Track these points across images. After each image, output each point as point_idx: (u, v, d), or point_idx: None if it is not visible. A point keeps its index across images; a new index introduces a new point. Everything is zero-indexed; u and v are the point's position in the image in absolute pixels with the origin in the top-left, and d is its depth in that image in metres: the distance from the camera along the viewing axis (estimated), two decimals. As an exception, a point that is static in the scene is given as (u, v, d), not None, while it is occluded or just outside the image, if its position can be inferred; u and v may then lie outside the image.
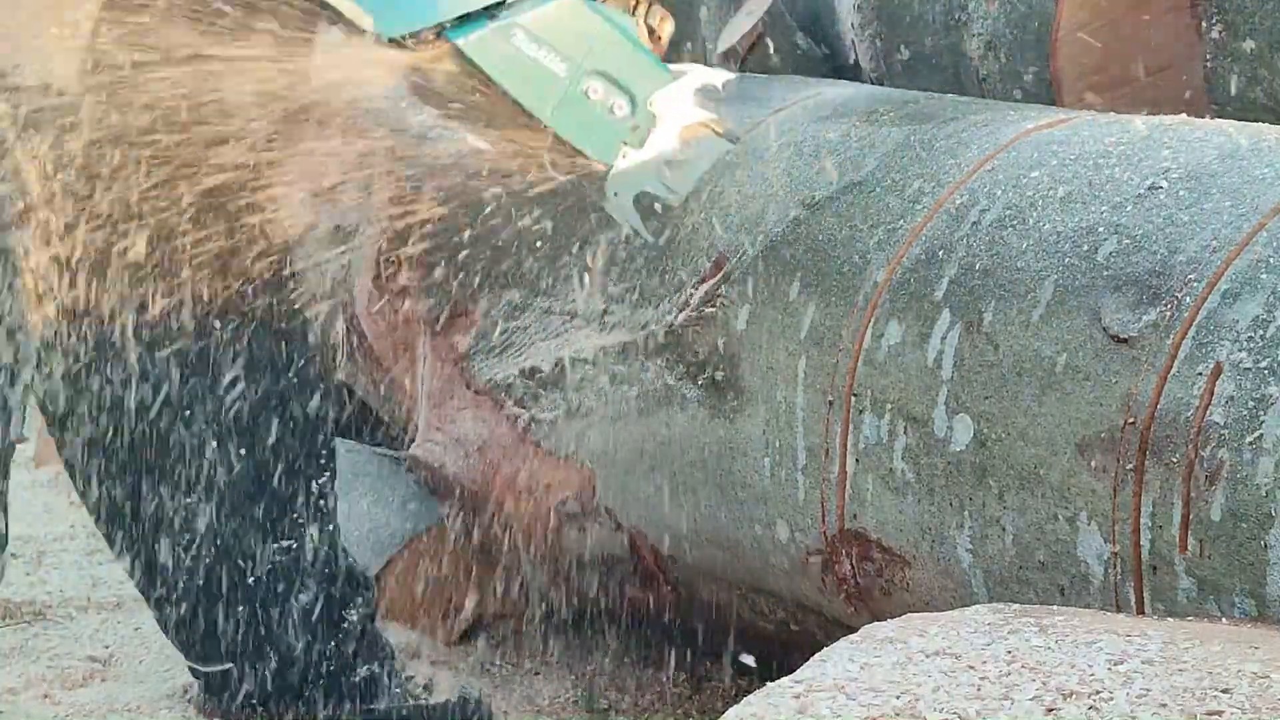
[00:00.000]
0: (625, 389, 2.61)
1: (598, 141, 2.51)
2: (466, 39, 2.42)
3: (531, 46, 2.44)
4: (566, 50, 2.45)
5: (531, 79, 2.44)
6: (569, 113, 2.47)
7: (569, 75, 2.45)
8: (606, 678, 2.95)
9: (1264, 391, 1.89)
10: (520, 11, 2.43)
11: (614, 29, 2.48)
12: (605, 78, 2.48)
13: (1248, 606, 1.88)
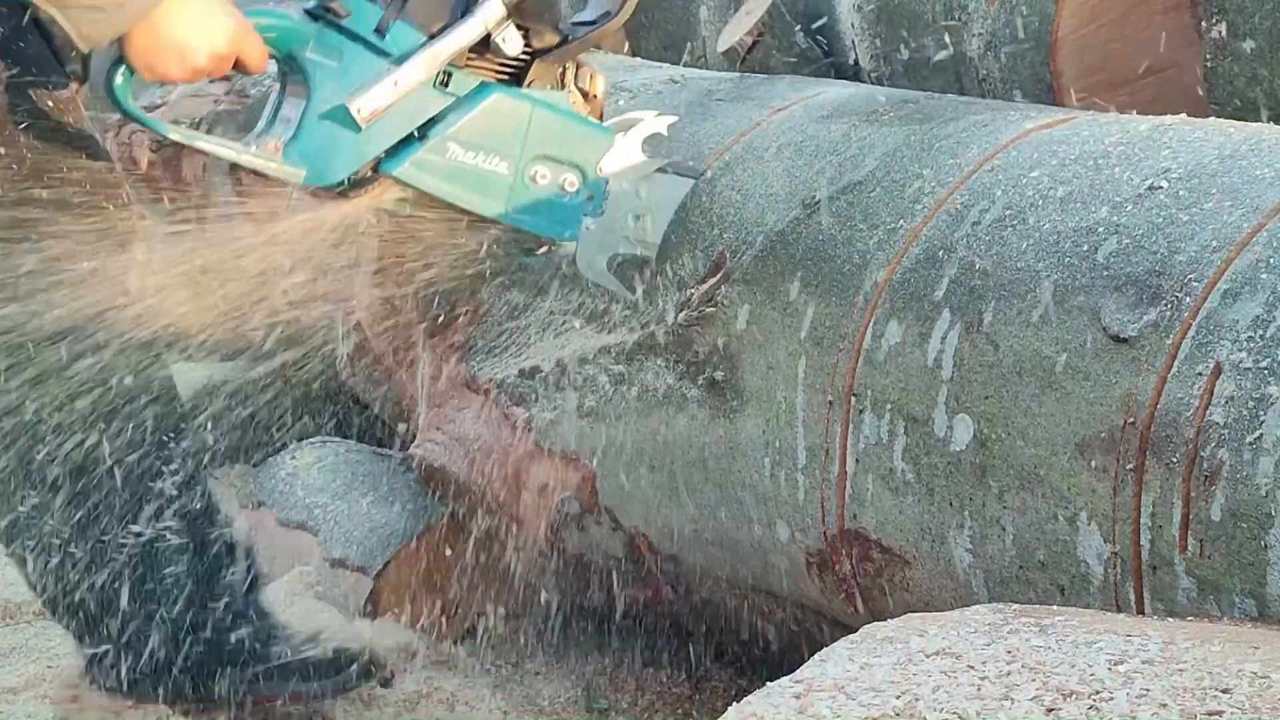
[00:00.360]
0: (625, 389, 2.61)
1: (557, 223, 2.51)
2: (402, 167, 2.41)
3: (468, 155, 2.42)
4: (503, 147, 2.44)
5: (477, 185, 2.44)
6: (522, 205, 2.47)
7: (512, 170, 2.45)
8: (606, 678, 2.95)
9: (1264, 391, 1.89)
10: (448, 124, 2.41)
11: (543, 109, 2.46)
12: (548, 160, 2.47)
13: (1248, 606, 1.88)
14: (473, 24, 2.39)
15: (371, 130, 2.38)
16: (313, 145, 2.38)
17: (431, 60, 2.38)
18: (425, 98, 2.39)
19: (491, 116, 2.43)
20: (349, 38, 2.37)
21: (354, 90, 2.36)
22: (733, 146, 2.69)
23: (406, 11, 2.38)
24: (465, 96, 2.42)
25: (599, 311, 2.69)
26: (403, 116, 2.39)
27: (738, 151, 2.67)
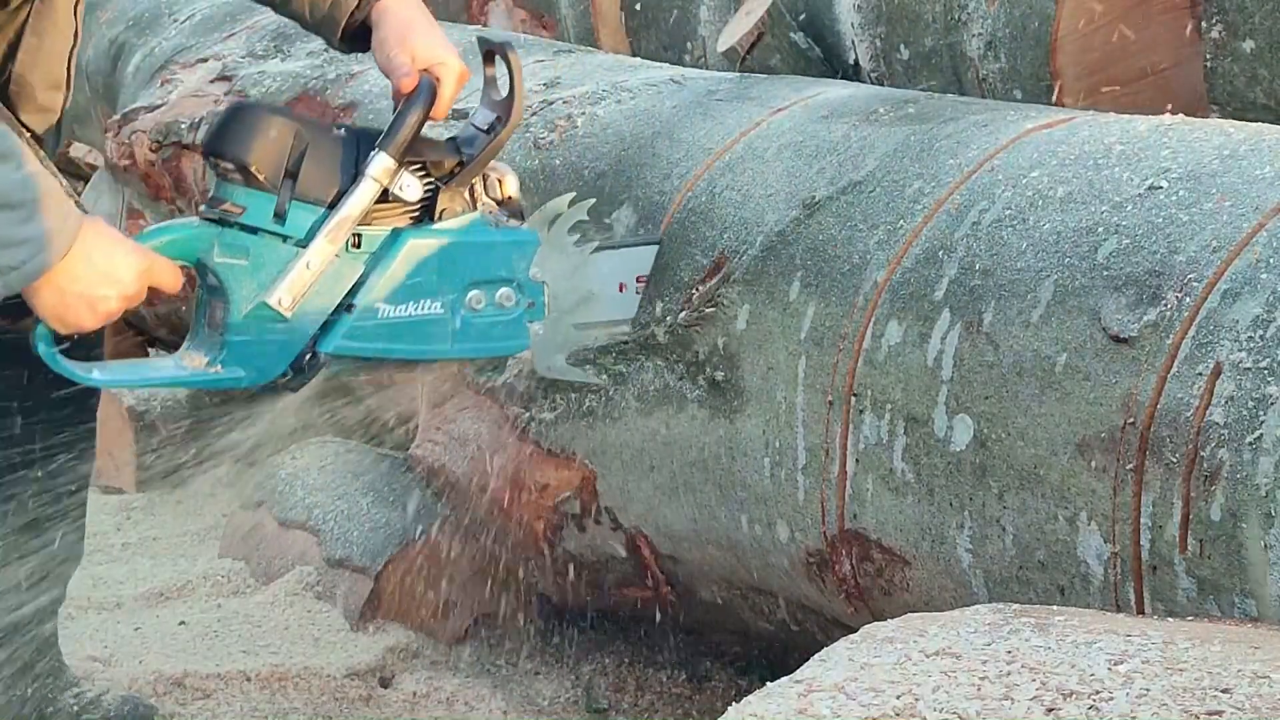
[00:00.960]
0: (625, 389, 2.61)
1: (505, 341, 2.48)
2: (339, 342, 2.37)
3: (400, 309, 2.39)
4: (431, 290, 2.41)
5: (417, 335, 2.41)
6: (467, 337, 2.44)
7: (447, 308, 2.42)
8: (606, 678, 2.95)
9: (1264, 391, 1.89)
10: (372, 287, 2.37)
11: (461, 240, 2.43)
12: (479, 285, 2.44)
13: (1248, 606, 1.88)
14: (367, 185, 2.34)
15: (298, 316, 2.34)
16: (245, 346, 2.34)
17: (337, 231, 2.33)
18: (341, 268, 2.35)
19: (411, 265, 2.39)
20: (251, 233, 2.33)
21: (270, 283, 2.32)
22: (733, 146, 2.69)
23: (299, 191, 2.33)
24: (380, 253, 2.37)
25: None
26: (325, 293, 2.35)
27: (738, 151, 2.67)
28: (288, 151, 2.33)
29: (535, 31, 4.81)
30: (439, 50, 2.43)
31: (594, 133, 2.90)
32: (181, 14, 4.83)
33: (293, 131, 2.33)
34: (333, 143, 2.36)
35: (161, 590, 3.29)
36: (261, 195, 2.33)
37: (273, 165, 2.33)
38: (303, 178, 2.33)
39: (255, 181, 2.32)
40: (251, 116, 2.35)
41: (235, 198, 2.34)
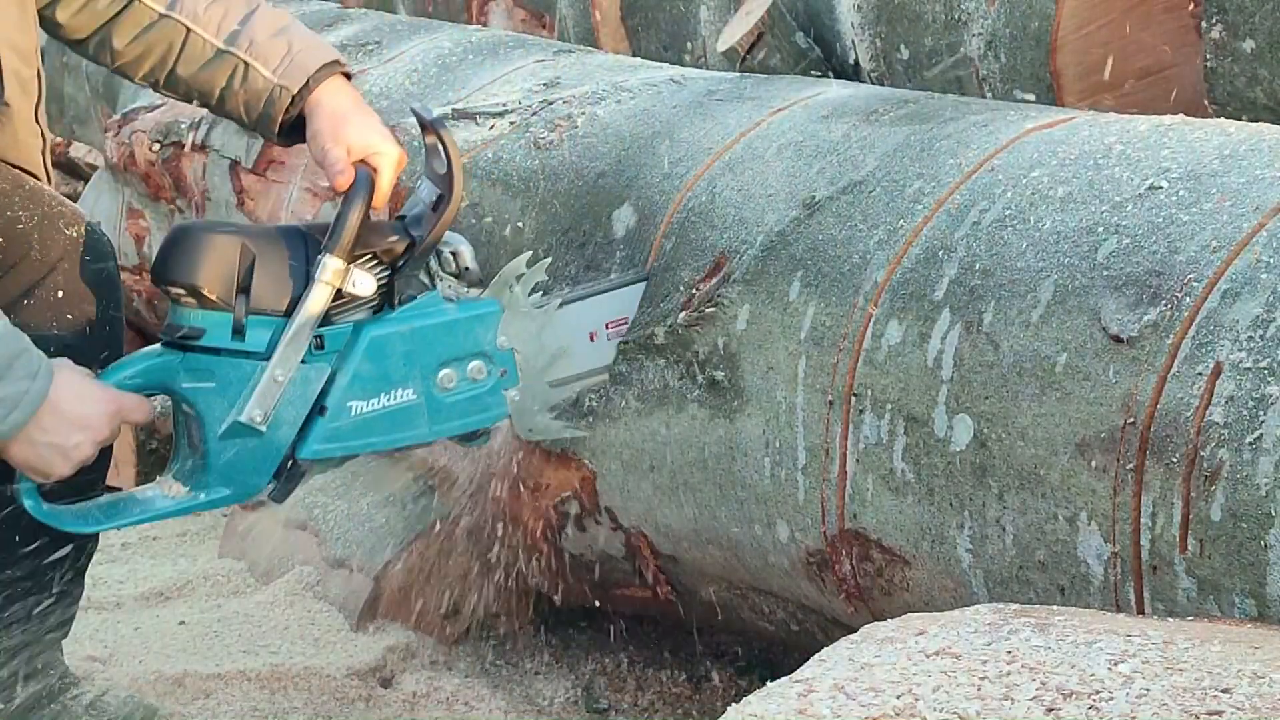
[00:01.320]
0: (625, 389, 2.61)
1: (483, 413, 2.49)
2: (315, 449, 2.38)
3: (373, 403, 2.39)
4: (400, 378, 2.41)
5: (394, 424, 2.41)
6: (444, 416, 2.45)
7: (420, 392, 2.42)
8: (606, 678, 2.95)
9: (1264, 391, 1.89)
10: (340, 387, 2.37)
11: (419, 322, 2.42)
12: (448, 363, 2.44)
13: (1248, 606, 1.88)
14: (319, 290, 2.34)
15: (273, 427, 2.34)
16: (226, 466, 2.35)
17: (296, 341, 2.33)
18: (308, 373, 2.35)
19: (377, 358, 2.39)
20: (213, 354, 2.34)
21: (240, 401, 2.33)
22: (733, 146, 2.69)
23: (254, 305, 2.34)
24: (345, 351, 2.38)
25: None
26: (296, 400, 2.35)
27: (738, 151, 2.67)
28: (236, 267, 2.33)
29: (535, 31, 4.81)
30: (374, 139, 2.43)
31: (594, 133, 2.90)
32: (181, 14, 4.82)
33: (238, 246, 2.34)
34: (280, 250, 2.36)
35: (161, 590, 3.29)
36: (217, 315, 2.34)
37: (224, 283, 2.33)
38: (255, 291, 2.34)
39: (209, 302, 2.34)
40: (195, 237, 2.35)
41: (192, 321, 2.35)
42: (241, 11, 2.52)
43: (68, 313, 2.38)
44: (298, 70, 2.48)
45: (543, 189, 2.86)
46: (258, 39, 2.49)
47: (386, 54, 3.87)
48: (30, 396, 2.21)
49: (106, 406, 2.29)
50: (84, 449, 2.27)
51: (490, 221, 2.89)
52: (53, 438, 2.24)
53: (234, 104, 2.51)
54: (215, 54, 2.49)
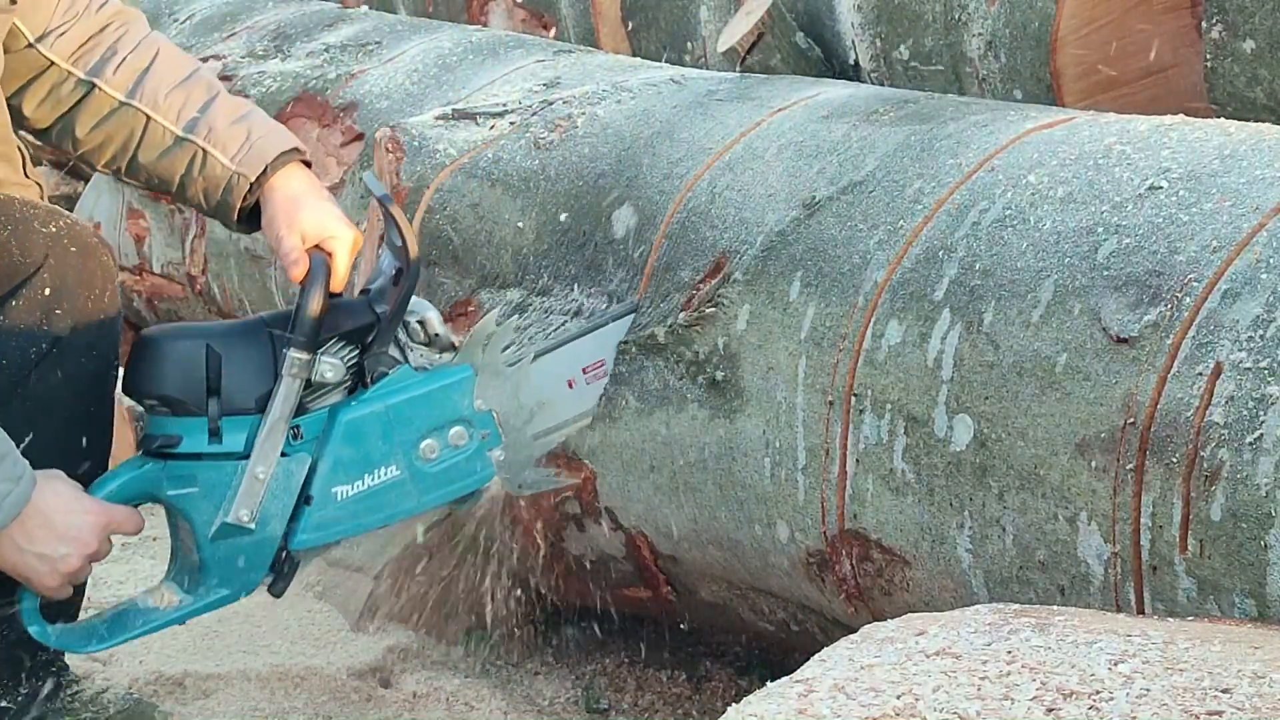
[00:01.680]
0: (625, 389, 2.61)
1: (469, 477, 2.49)
2: (307, 535, 2.39)
3: (357, 485, 2.40)
4: (382, 456, 2.41)
5: (382, 502, 2.42)
6: (431, 487, 2.45)
7: (404, 467, 2.42)
8: (606, 678, 2.95)
9: (1264, 391, 1.89)
10: (322, 474, 2.38)
11: (393, 399, 2.42)
12: (428, 434, 2.44)
13: (1248, 606, 1.88)
14: (287, 384, 2.34)
15: (262, 523, 2.35)
16: (220, 565, 2.36)
17: (274, 434, 2.34)
18: (289, 465, 2.36)
19: (355, 440, 2.39)
20: (192, 460, 2.35)
21: (226, 503, 2.34)
22: (733, 146, 2.69)
23: (226, 406, 2.35)
24: (322, 437, 2.38)
25: (599, 311, 2.69)
26: (280, 494, 2.36)
27: (738, 151, 2.67)
28: (204, 371, 2.34)
29: (535, 31, 4.81)
30: (328, 223, 2.43)
31: (594, 133, 2.90)
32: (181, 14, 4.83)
33: (202, 350, 2.35)
34: (245, 347, 2.37)
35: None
36: (192, 421, 2.35)
37: (194, 389, 2.34)
38: (225, 392, 2.35)
39: (182, 409, 2.35)
40: (160, 347, 2.36)
41: (168, 429, 2.36)
42: (201, 99, 2.52)
43: (56, 308, 2.38)
44: (256, 158, 2.48)
45: (543, 189, 2.86)
46: (216, 126, 2.49)
47: (386, 54, 3.87)
48: (12, 499, 2.22)
49: (96, 519, 2.31)
50: (71, 561, 2.29)
51: (490, 221, 2.89)
52: (40, 548, 2.26)
53: (194, 191, 2.51)
54: (174, 141, 2.49)
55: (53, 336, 2.37)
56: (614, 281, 2.69)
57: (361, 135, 3.65)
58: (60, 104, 2.52)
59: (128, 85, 2.50)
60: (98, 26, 2.53)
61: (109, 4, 2.56)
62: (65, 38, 2.50)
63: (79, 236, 2.44)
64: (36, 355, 2.36)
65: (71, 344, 2.37)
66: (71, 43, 2.50)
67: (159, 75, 2.51)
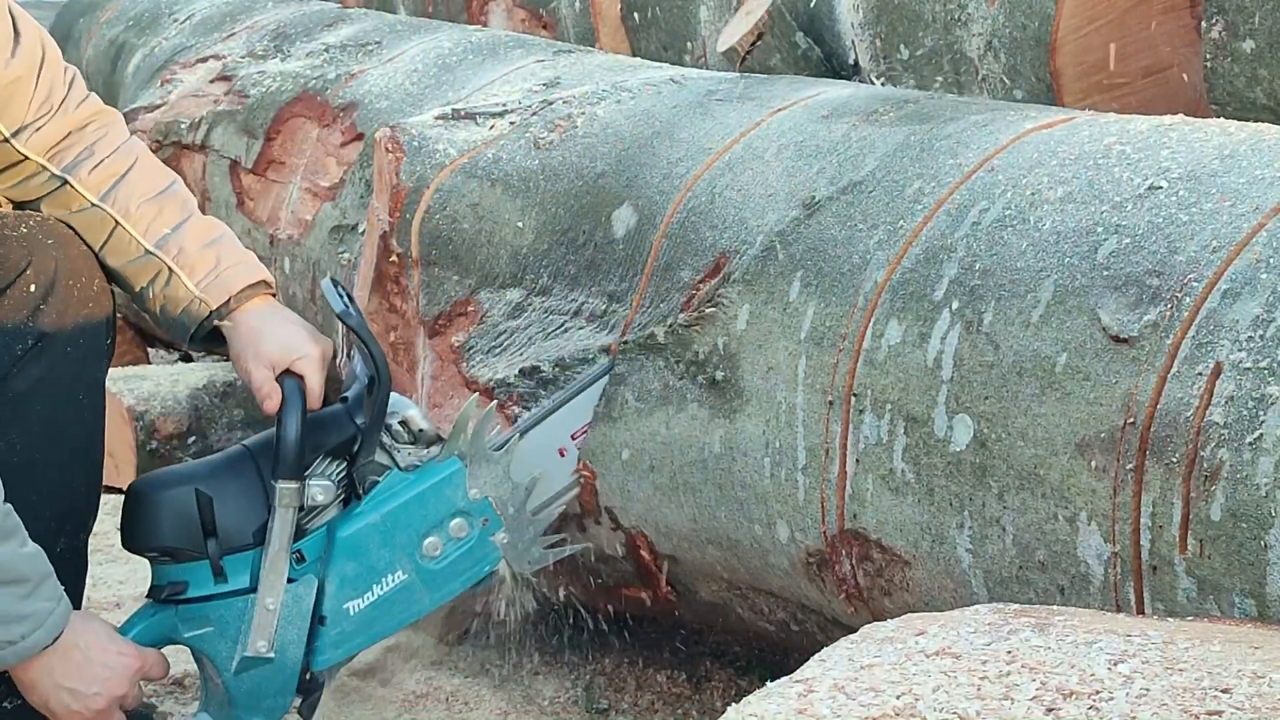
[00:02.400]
0: (625, 389, 2.61)
1: (476, 565, 2.51)
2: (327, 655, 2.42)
3: (368, 597, 2.42)
4: (386, 564, 2.44)
5: (395, 607, 2.45)
6: (440, 583, 2.47)
7: (411, 569, 2.45)
8: (606, 678, 2.95)
9: (1264, 391, 1.89)
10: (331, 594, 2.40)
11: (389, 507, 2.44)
12: (429, 533, 2.46)
13: (1248, 606, 1.88)
14: (282, 514, 2.37)
15: (281, 651, 2.39)
16: (248, 697, 2.40)
17: (276, 565, 2.37)
18: (297, 590, 2.39)
19: (356, 555, 2.42)
20: (202, 602, 2.38)
21: (242, 638, 2.37)
22: (733, 146, 2.69)
23: (225, 545, 2.37)
24: (324, 557, 2.41)
25: (599, 312, 2.70)
26: (294, 620, 2.39)
27: (738, 151, 2.67)
28: (196, 514, 2.37)
29: (535, 31, 4.81)
30: (293, 345, 2.44)
31: (594, 133, 2.90)
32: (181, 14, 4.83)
33: (192, 495, 2.37)
34: (233, 482, 2.39)
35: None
36: (195, 566, 2.38)
37: (190, 535, 2.37)
38: (222, 532, 2.37)
39: (183, 556, 2.38)
40: (150, 499, 2.39)
41: (173, 577, 2.39)
42: (175, 217, 2.51)
43: (42, 304, 2.37)
44: (221, 288, 2.47)
45: (543, 189, 2.86)
46: (186, 248, 2.48)
47: (386, 54, 3.87)
48: (55, 618, 2.24)
49: (131, 661, 2.33)
50: (100, 702, 2.30)
51: (490, 221, 2.89)
52: (74, 683, 2.27)
53: (152, 302, 2.49)
54: (142, 254, 2.48)
55: (41, 330, 2.36)
56: (614, 281, 2.69)
57: (361, 135, 3.66)
58: (28, 193, 2.50)
59: (101, 189, 2.49)
60: (77, 124, 2.51)
61: (87, 101, 2.55)
62: (40, 133, 2.48)
63: (52, 230, 2.43)
64: (23, 350, 2.36)
65: (62, 333, 2.37)
66: (47, 138, 2.49)
67: (133, 184, 2.50)
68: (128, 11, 5.18)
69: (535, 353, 2.74)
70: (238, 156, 3.94)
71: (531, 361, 2.73)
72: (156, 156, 2.70)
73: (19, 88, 2.44)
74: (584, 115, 2.96)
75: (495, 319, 2.85)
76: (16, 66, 2.44)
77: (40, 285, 2.37)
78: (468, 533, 2.48)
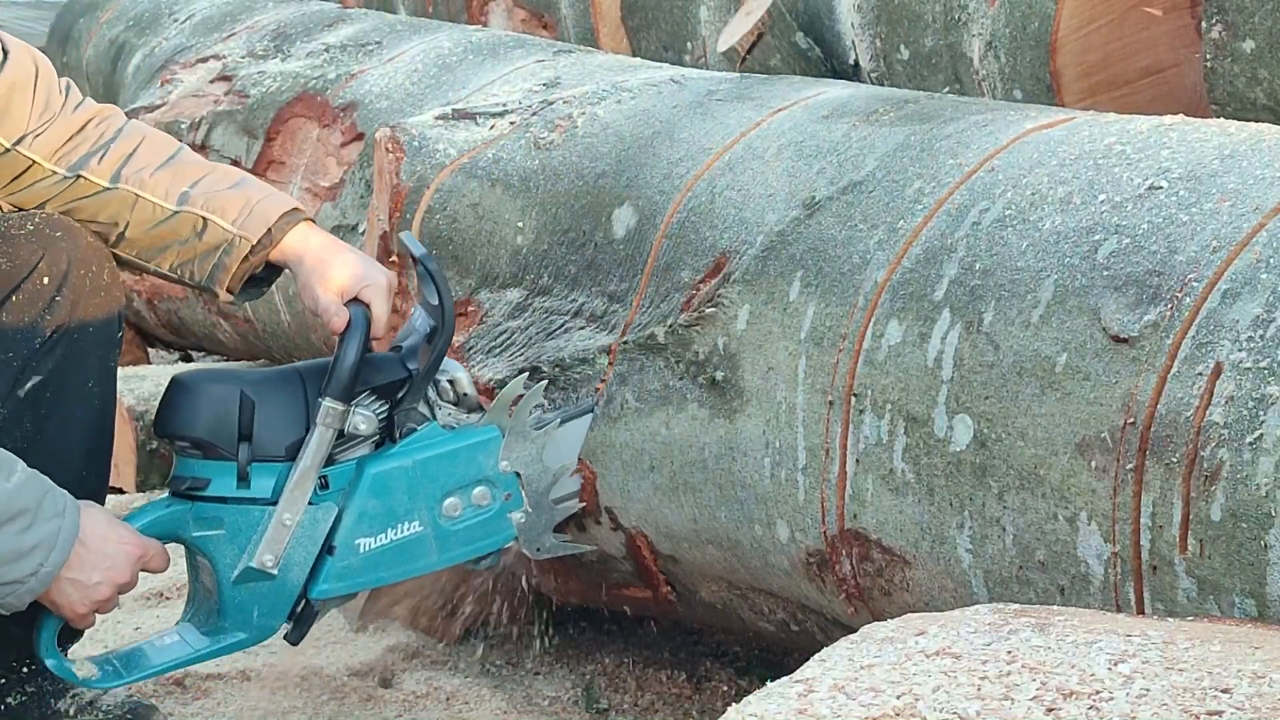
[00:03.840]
0: (625, 389, 2.61)
1: (490, 537, 2.51)
2: (326, 588, 2.40)
3: (379, 538, 2.42)
4: (405, 511, 2.43)
5: (402, 556, 2.44)
6: (451, 545, 2.47)
7: (427, 523, 2.45)
8: (606, 678, 2.95)
9: (1264, 391, 1.90)
10: (346, 526, 2.40)
11: (423, 455, 2.44)
12: (452, 492, 2.46)
13: (1248, 606, 1.88)
14: (320, 434, 2.37)
15: (284, 570, 2.38)
16: (239, 609, 2.38)
17: (303, 482, 2.37)
18: (315, 514, 2.38)
19: (381, 494, 2.41)
20: (219, 503, 2.37)
21: (250, 547, 2.36)
22: (733, 146, 2.69)
23: (257, 452, 2.37)
24: (349, 489, 2.40)
25: (599, 312, 2.70)
26: (304, 542, 2.38)
27: (738, 151, 2.67)
28: (236, 416, 2.37)
29: (535, 31, 4.81)
30: (360, 272, 2.46)
31: (594, 133, 2.90)
32: (181, 14, 4.83)
33: (237, 395, 2.37)
34: (279, 394, 2.39)
35: (161, 590, 3.29)
36: (221, 465, 2.37)
37: (225, 433, 2.37)
38: (257, 438, 2.37)
39: (212, 453, 2.37)
40: (194, 390, 2.39)
41: (197, 472, 2.38)
42: (194, 174, 2.51)
43: (55, 295, 2.38)
44: (258, 220, 2.47)
45: (543, 189, 2.86)
46: (213, 195, 2.49)
47: (386, 54, 3.87)
48: (64, 534, 2.24)
49: (132, 550, 2.32)
50: (103, 590, 2.30)
51: (490, 221, 2.89)
52: (75, 573, 2.27)
53: (188, 257, 2.49)
54: (169, 214, 2.48)
55: (56, 322, 2.37)
56: (614, 281, 2.69)
57: (361, 135, 3.66)
58: (39, 196, 2.50)
59: (112, 171, 2.49)
60: (77, 125, 2.51)
61: (85, 103, 2.55)
62: (43, 138, 2.48)
63: (59, 223, 2.44)
64: (41, 343, 2.37)
65: (76, 323, 2.37)
66: (51, 141, 2.49)
67: (142, 159, 2.50)
68: (128, 11, 5.18)
69: (535, 353, 2.74)
70: (238, 156, 3.94)
71: (532, 362, 2.73)
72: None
73: (15, 96, 2.45)
74: (584, 115, 2.96)
75: (495, 319, 2.85)
76: (9, 75, 2.44)
77: (54, 278, 2.38)
78: (489, 502, 2.49)
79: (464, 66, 3.62)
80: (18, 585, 2.23)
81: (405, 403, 2.44)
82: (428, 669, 2.95)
